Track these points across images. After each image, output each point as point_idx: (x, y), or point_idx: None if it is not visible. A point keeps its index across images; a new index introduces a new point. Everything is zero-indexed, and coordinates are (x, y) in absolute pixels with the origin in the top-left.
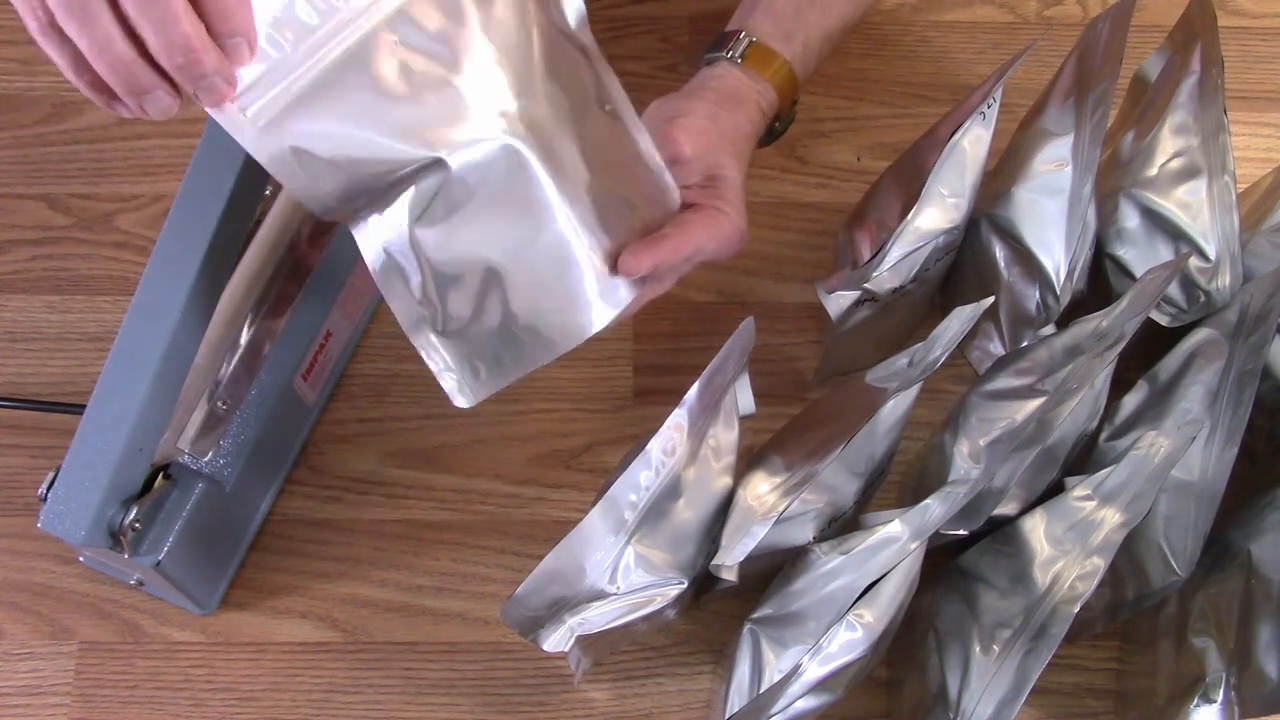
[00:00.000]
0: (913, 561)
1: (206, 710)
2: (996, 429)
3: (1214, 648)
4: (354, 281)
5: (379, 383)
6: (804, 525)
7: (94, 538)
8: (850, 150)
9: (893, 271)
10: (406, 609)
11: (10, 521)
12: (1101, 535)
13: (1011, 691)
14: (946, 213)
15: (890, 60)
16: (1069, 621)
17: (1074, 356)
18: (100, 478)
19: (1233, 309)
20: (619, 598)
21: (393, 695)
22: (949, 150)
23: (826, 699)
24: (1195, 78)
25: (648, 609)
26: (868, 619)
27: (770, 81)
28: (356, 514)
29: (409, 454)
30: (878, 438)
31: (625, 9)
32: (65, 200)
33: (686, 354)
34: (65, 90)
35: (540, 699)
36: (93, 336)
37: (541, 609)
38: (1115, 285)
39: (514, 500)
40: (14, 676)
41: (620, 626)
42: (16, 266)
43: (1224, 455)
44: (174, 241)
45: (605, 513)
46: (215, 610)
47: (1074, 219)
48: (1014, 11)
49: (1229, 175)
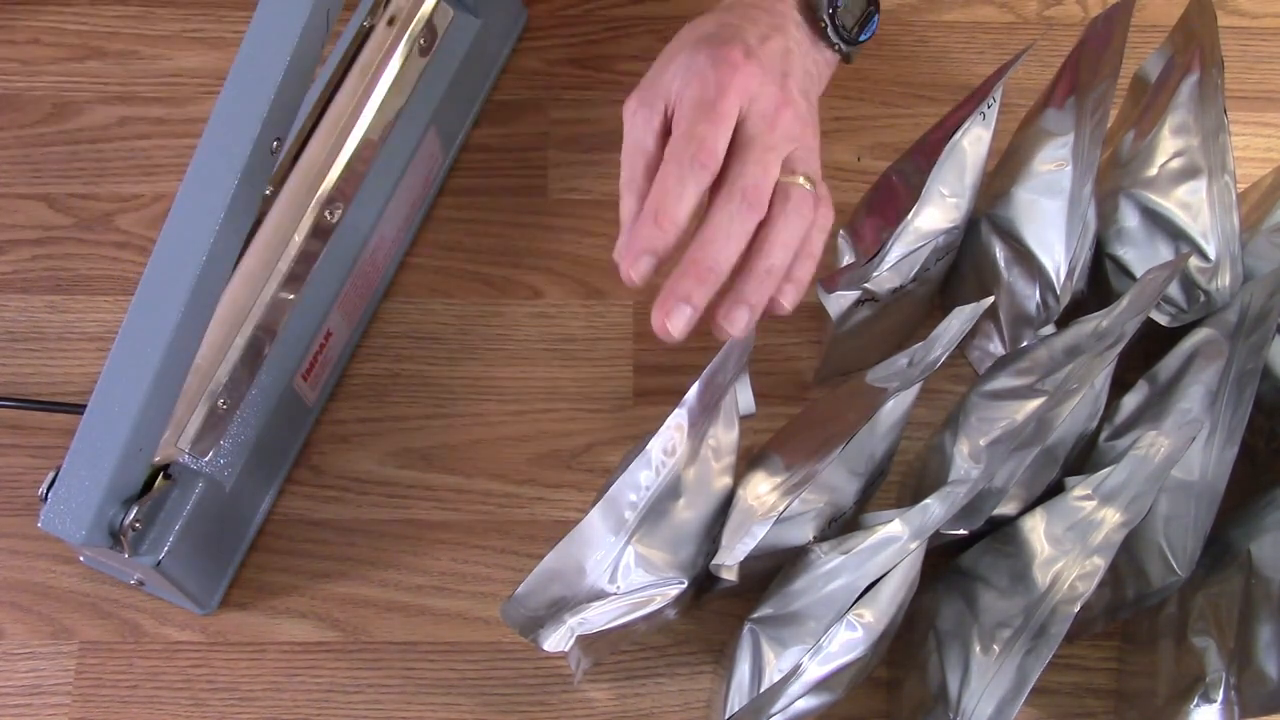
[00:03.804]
0: (913, 561)
1: (206, 710)
2: (996, 429)
3: (1214, 648)
4: (354, 281)
5: (379, 383)
6: (804, 525)
7: (94, 538)
8: (850, 150)
9: (893, 271)
10: (406, 609)
11: (10, 521)
12: (1101, 535)
13: (1012, 691)
14: (946, 213)
15: (890, 60)
16: (1069, 621)
17: (1074, 356)
18: (100, 478)
19: (1233, 309)
20: (619, 597)
21: (392, 695)
22: (949, 150)
23: (826, 699)
24: (1195, 78)
25: (648, 609)
26: (868, 619)
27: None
28: (356, 514)
29: (409, 454)
30: (878, 438)
31: (625, 9)
32: (65, 200)
33: (686, 354)
34: (65, 90)
35: (540, 699)
36: (93, 336)
37: (541, 609)
38: (1115, 285)
39: (514, 500)
40: (14, 676)
41: (620, 626)
42: (16, 266)
43: (1224, 455)
44: (174, 241)
45: (605, 513)
46: (215, 610)
47: (1074, 219)
48: (1014, 11)
49: (1229, 175)
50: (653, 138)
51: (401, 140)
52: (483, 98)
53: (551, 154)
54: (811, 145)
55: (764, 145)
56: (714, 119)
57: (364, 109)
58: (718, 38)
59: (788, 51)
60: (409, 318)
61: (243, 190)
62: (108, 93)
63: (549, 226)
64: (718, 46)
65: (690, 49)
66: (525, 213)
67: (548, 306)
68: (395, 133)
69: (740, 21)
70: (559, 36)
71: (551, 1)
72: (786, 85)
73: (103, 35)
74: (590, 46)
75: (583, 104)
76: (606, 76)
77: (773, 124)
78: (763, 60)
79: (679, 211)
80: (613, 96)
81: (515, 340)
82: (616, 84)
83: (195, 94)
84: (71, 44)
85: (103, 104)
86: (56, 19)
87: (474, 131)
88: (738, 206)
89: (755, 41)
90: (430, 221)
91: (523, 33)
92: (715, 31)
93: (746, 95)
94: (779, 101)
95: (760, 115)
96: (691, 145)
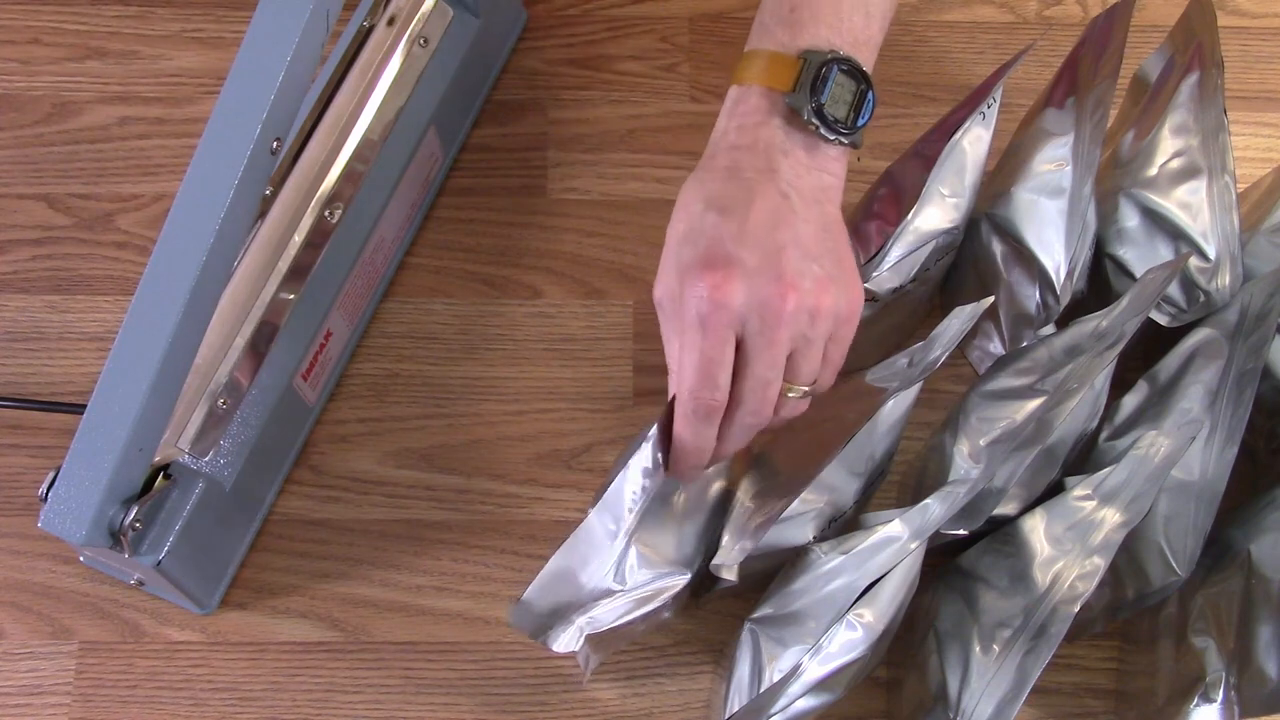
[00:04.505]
0: (913, 561)
1: (206, 710)
2: (996, 429)
3: (1214, 648)
4: (354, 281)
5: (379, 383)
6: (804, 525)
7: (94, 538)
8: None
9: (893, 271)
10: (406, 609)
11: (10, 521)
12: (1101, 535)
13: (1012, 691)
14: (946, 213)
15: (890, 60)
16: (1069, 621)
17: (1074, 356)
18: (100, 478)
19: (1233, 309)
20: (625, 594)
21: (392, 695)
22: (949, 150)
23: (826, 699)
24: (1195, 78)
25: (653, 604)
26: (868, 619)
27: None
28: (356, 514)
29: (409, 454)
30: (878, 437)
31: (625, 9)
32: (65, 200)
33: None
34: (65, 90)
35: (540, 699)
36: (93, 336)
37: (549, 611)
38: (1115, 285)
39: (514, 500)
40: (14, 676)
41: (628, 622)
42: (16, 266)
43: (1224, 455)
44: (174, 241)
45: (607, 513)
46: (215, 610)
47: (1074, 219)
48: (1014, 11)
49: (1229, 175)
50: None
51: (401, 140)
52: (482, 98)
53: (551, 154)
54: (829, 305)
55: (761, 367)
56: (706, 369)
57: (364, 109)
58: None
59: (781, 204)
60: (409, 318)
61: (243, 190)
62: (108, 93)
63: (549, 226)
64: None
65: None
66: (525, 213)
67: (547, 306)
68: (395, 133)
69: (725, 189)
70: (559, 36)
71: (551, 1)
72: (782, 270)
73: (103, 35)
74: (590, 46)
75: (582, 104)
76: (606, 76)
77: (771, 338)
78: (749, 258)
79: (702, 455)
80: (612, 96)
81: (515, 340)
82: (616, 84)
83: (195, 94)
84: (71, 44)
85: (103, 104)
86: (56, 19)
87: (474, 131)
88: (738, 430)
89: (737, 228)
90: (430, 221)
91: (523, 33)
92: (698, 224)
93: (734, 323)
94: (774, 299)
95: (756, 333)
96: (693, 403)
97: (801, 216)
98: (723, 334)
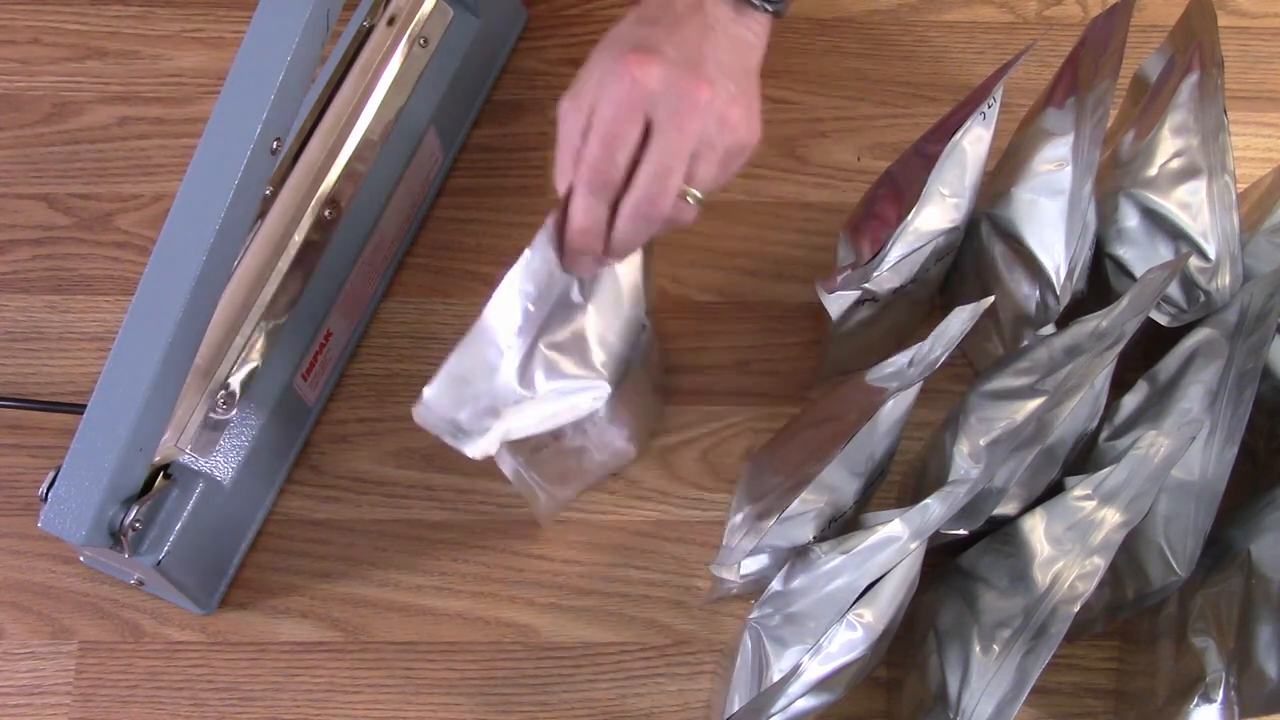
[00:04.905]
0: (913, 561)
1: (206, 710)
2: (996, 429)
3: (1214, 648)
4: (354, 281)
5: (379, 383)
6: (804, 525)
7: (94, 538)
8: (850, 150)
9: (893, 271)
10: (406, 609)
11: (10, 521)
12: (1101, 535)
13: (1012, 691)
14: (946, 213)
15: (890, 60)
16: (1069, 621)
17: (1074, 356)
18: (100, 478)
19: (1233, 309)
20: (539, 401)
21: (392, 695)
22: (949, 150)
23: (826, 699)
24: (1195, 78)
25: (575, 414)
26: (868, 619)
27: None
28: (356, 514)
29: (409, 454)
30: (878, 437)
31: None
32: (65, 200)
33: (687, 354)
34: (65, 90)
35: (540, 699)
36: (93, 336)
37: (456, 416)
38: (1115, 285)
39: (514, 500)
40: (14, 676)
41: (549, 431)
42: (16, 266)
43: (1224, 455)
44: (174, 241)
45: (503, 308)
46: (215, 610)
47: (1074, 219)
48: (1014, 11)
49: (1229, 175)
50: (579, 136)
51: (401, 140)
52: (483, 98)
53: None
54: (737, 118)
55: (666, 154)
56: (610, 142)
57: (364, 109)
58: (628, 39)
59: (706, 31)
60: (409, 318)
61: (243, 190)
62: (108, 93)
63: None
64: (625, 50)
65: (605, 51)
66: (525, 213)
67: None
68: (395, 133)
69: (656, 13)
70: (559, 36)
71: (551, 1)
72: (701, 69)
73: (103, 35)
74: (590, 47)
75: None
76: None
77: (680, 125)
78: (671, 52)
79: (592, 237)
80: None
81: None
82: None
83: (195, 94)
84: (71, 44)
85: (103, 104)
86: (56, 19)
87: (474, 131)
88: (631, 216)
89: (664, 34)
90: (430, 221)
91: (523, 33)
92: (627, 32)
93: (647, 102)
94: (690, 88)
95: (666, 118)
96: (589, 174)
97: (723, 47)
98: (634, 113)
